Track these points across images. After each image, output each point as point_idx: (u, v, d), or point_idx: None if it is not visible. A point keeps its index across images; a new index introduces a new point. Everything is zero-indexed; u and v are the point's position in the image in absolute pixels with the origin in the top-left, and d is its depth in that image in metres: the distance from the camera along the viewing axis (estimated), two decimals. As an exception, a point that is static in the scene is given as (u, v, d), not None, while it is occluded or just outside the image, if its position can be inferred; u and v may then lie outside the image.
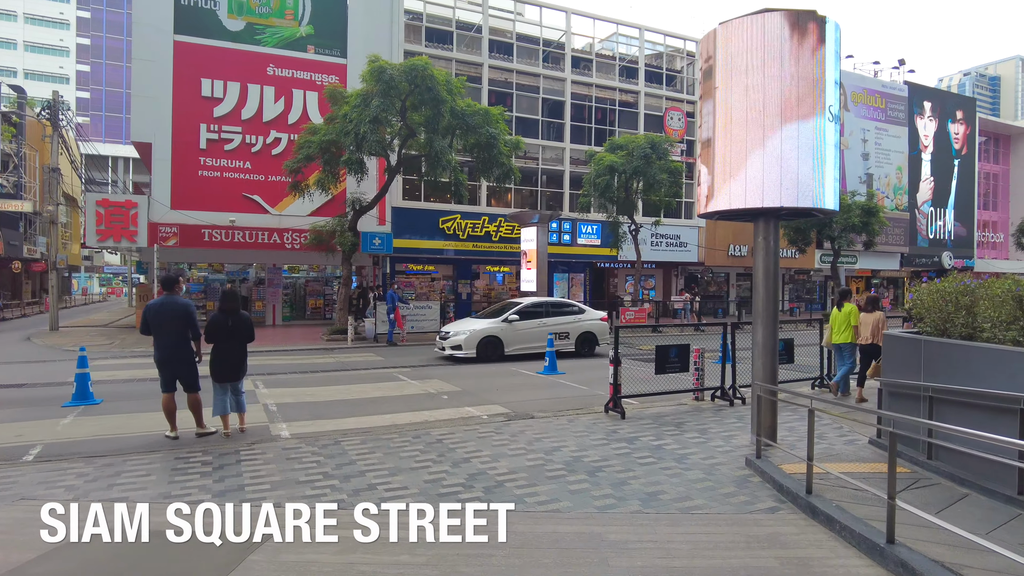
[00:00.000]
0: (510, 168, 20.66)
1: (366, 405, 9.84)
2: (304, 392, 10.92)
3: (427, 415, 9.10)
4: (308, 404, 9.88)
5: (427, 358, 15.91)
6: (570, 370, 13.76)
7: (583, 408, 9.67)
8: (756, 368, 7.61)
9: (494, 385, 11.85)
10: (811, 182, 6.85)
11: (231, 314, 7.85)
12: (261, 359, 15.43)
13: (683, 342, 10.33)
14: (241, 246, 24.05)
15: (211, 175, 23.96)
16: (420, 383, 11.95)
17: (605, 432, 8.04)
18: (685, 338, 22.47)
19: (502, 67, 29.03)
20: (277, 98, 24.95)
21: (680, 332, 24.70)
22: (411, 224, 26.67)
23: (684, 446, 7.41)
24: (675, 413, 9.38)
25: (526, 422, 8.55)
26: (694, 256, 33.84)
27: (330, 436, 7.75)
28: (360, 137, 18.01)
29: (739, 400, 10.19)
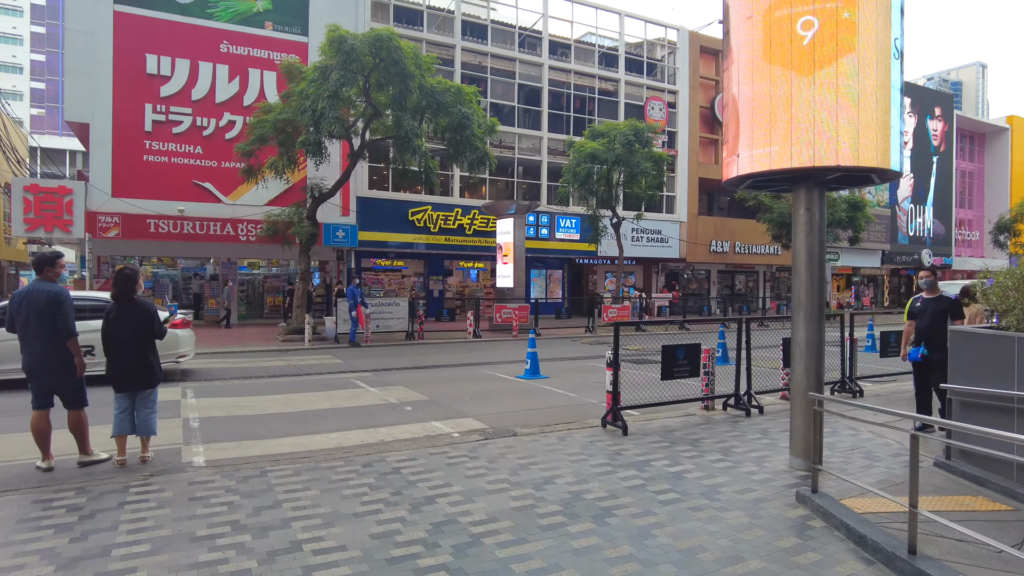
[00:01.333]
0: (485, 153, 18.99)
1: (311, 420, 8.08)
2: (239, 403, 9.11)
3: (384, 433, 7.38)
4: (239, 419, 8.09)
5: (392, 361, 14.17)
6: (554, 373, 12.14)
7: (575, 421, 8.05)
8: (797, 374, 6.08)
9: (467, 392, 10.17)
10: (874, 135, 5.33)
11: (123, 301, 6.06)
12: (202, 362, 13.54)
13: (686, 341, 8.76)
14: (191, 238, 22.00)
15: (157, 160, 21.85)
16: (380, 391, 10.21)
17: (607, 454, 6.44)
18: (678, 337, 21.06)
19: (476, 50, 27.33)
20: (231, 77, 22.93)
21: (665, 330, 23.29)
22: (378, 216, 24.83)
23: (710, 473, 5.84)
24: (685, 427, 7.82)
25: (507, 442, 6.90)
26: (675, 252, 32.56)
27: (256, 464, 6.00)
28: (318, 114, 16.18)
29: (755, 409, 8.69)
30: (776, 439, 7.17)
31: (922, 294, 7.57)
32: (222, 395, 9.76)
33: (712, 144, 34.50)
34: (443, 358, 14.75)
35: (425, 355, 15.31)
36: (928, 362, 7.26)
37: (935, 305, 7.29)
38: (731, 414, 8.63)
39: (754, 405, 8.74)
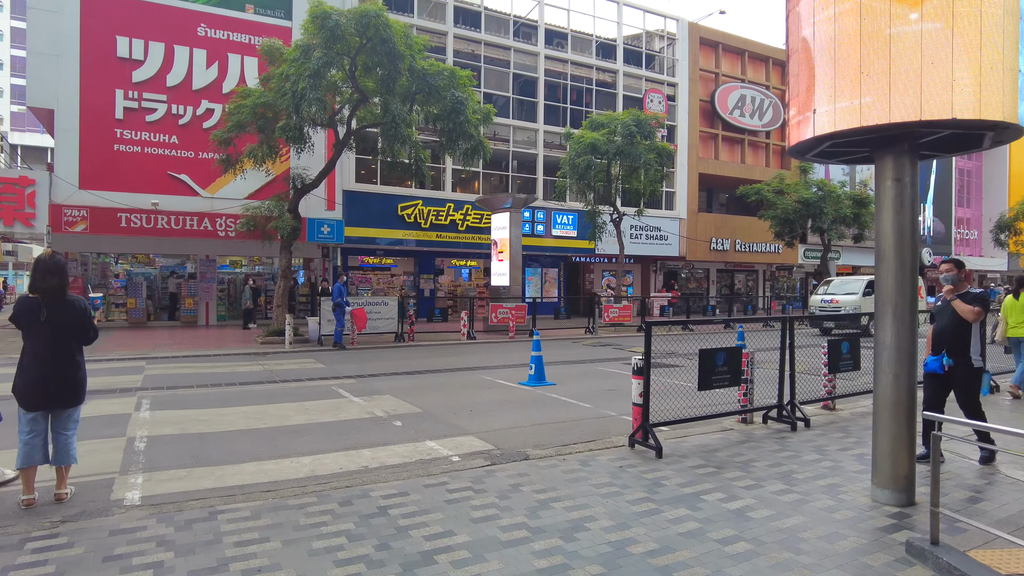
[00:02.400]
0: (480, 142, 17.72)
1: (281, 439, 6.80)
2: (200, 417, 7.80)
3: (368, 457, 6.11)
4: (196, 438, 6.79)
5: (379, 365, 12.88)
6: (561, 379, 10.90)
7: (596, 439, 6.82)
8: (883, 385, 4.88)
9: (465, 403, 8.92)
10: (1000, 80, 4.15)
11: (50, 298, 4.77)
12: (168, 367, 12.21)
13: (717, 345, 7.55)
14: (166, 233, 20.56)
15: (129, 150, 20.42)
16: (365, 401, 8.92)
17: (644, 485, 5.21)
18: (686, 338, 19.91)
19: (469, 38, 26.07)
20: (210, 63, 21.53)
21: (668, 331, 22.12)
22: (366, 210, 23.51)
23: (779, 511, 4.63)
24: (726, 445, 6.62)
25: (519, 468, 5.66)
26: (675, 250, 31.43)
27: (205, 502, 4.73)
28: (298, 96, 14.86)
29: (801, 421, 7.50)
30: (839, 461, 5.98)
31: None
32: (183, 406, 8.44)
33: (712, 139, 33.43)
34: (436, 362, 13.49)
35: (416, 359, 14.05)
36: (951, 376, 5.83)
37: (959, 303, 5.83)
38: (773, 428, 7.44)
39: (799, 417, 7.55)
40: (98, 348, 15.07)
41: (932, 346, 6.06)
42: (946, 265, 6.14)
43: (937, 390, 5.95)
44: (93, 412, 7.73)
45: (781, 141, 35.89)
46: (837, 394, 8.54)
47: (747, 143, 34.61)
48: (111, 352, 14.33)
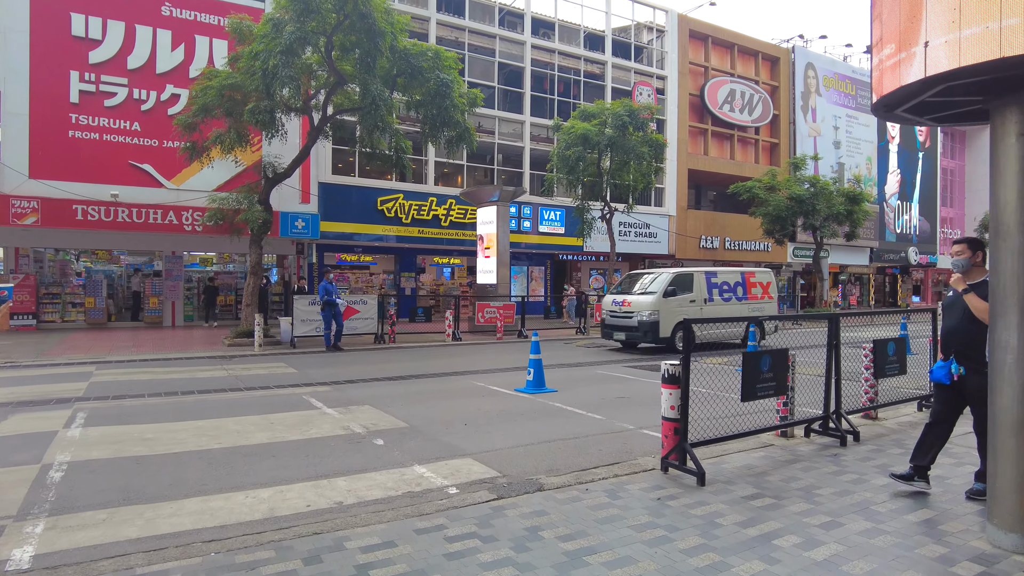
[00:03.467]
0: (466, 128, 16.54)
1: (238, 464, 5.58)
2: (143, 434, 6.53)
3: (344, 489, 4.91)
4: (132, 463, 5.54)
5: (357, 370, 11.66)
6: (560, 384, 9.78)
7: (619, 461, 5.70)
8: (1005, 399, 3.81)
9: (457, 414, 7.75)
10: None
11: None
12: (119, 372, 10.87)
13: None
14: (127, 227, 19.08)
15: (86, 136, 18.90)
16: (341, 413, 7.71)
17: (695, 526, 4.11)
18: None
19: (452, 24, 24.87)
20: (175, 45, 20.09)
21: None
22: (343, 204, 22.19)
23: (882, 562, 3.55)
24: (773, 466, 5.55)
25: (534, 503, 4.52)
26: (664, 248, 30.53)
27: (122, 561, 3.51)
28: (269, 75, 13.56)
29: (850, 434, 6.46)
30: (919, 488, 4.93)
31: None
32: (125, 420, 7.16)
33: (701, 134, 32.61)
34: (420, 366, 12.29)
35: (398, 362, 12.83)
36: (962, 386, 4.56)
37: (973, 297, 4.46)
38: (819, 443, 6.40)
39: (847, 430, 6.51)
40: (46, 351, 13.66)
41: (943, 349, 4.78)
42: (957, 246, 4.64)
43: (947, 404, 4.72)
44: (11, 430, 6.46)
45: (771, 137, 35.23)
46: (880, 402, 7.54)
47: (736, 139, 33.86)
48: (59, 356, 12.92)
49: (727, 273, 15.99)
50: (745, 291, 15.81)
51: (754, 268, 16.84)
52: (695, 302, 14.70)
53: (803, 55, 36.22)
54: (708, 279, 15.24)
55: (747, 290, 15.87)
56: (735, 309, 15.41)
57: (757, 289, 16.13)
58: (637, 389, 9.64)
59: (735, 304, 15.49)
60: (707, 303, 14.93)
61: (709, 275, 15.38)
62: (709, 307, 14.91)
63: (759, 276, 16.58)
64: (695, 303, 14.70)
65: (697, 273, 15.23)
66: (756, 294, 16.07)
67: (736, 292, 15.61)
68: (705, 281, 15.16)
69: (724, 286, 15.42)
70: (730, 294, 15.51)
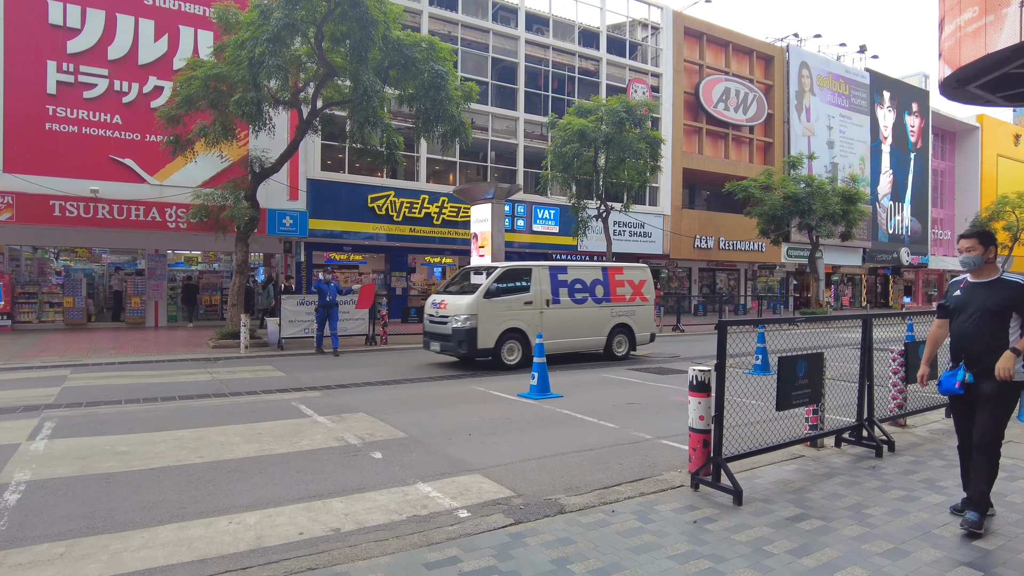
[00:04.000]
0: (461, 122, 15.98)
1: (221, 480, 5.01)
2: (115, 447, 5.94)
3: (340, 511, 4.36)
4: (101, 481, 4.96)
5: (349, 374, 11.09)
6: (565, 389, 9.27)
7: (643, 476, 5.19)
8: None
9: (459, 422, 7.21)
10: None
11: None
12: (96, 376, 10.23)
13: (795, 352, 6.00)
14: (108, 224, 18.36)
15: (64, 129, 18.15)
16: (334, 421, 7.14)
17: (742, 555, 3.61)
18: (686, 341, 18.51)
19: (444, 18, 24.31)
20: (158, 36, 19.37)
21: (659, 332, 20.72)
22: (332, 202, 21.57)
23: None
24: (810, 480, 5.07)
25: (556, 527, 4.00)
26: (659, 247, 30.12)
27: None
28: (256, 64, 12.95)
29: (884, 443, 6.00)
30: (949, 495, 4.46)
31: (965, 276, 4.33)
32: (97, 431, 6.57)
33: (696, 133, 32.25)
34: (415, 369, 11.72)
35: (391, 365, 12.26)
36: (974, 394, 4.09)
37: (988, 295, 4.07)
38: (852, 453, 5.94)
39: (882, 439, 6.05)
40: (19, 354, 12.96)
41: (952, 354, 4.27)
42: (966, 242, 4.20)
43: (968, 420, 4.19)
44: (-31, 442, 5.85)
45: (765, 136, 34.96)
46: (909, 409, 7.10)
47: (731, 138, 33.55)
48: (33, 359, 12.23)
49: (582, 269, 13.12)
50: (607, 291, 13.16)
51: (623, 263, 14.15)
52: (532, 304, 11.92)
53: (797, 54, 35.99)
54: (554, 275, 12.41)
55: (610, 290, 13.22)
56: (591, 314, 12.82)
57: (625, 289, 13.50)
58: (647, 394, 9.15)
59: (591, 307, 12.84)
60: (551, 305, 12.18)
61: (556, 270, 12.55)
62: (553, 311, 12.21)
63: (629, 273, 13.84)
64: (532, 305, 11.92)
65: (538, 268, 12.35)
66: (623, 295, 13.40)
67: (594, 292, 12.96)
68: (549, 278, 12.32)
69: (577, 285, 12.71)
70: (585, 294, 12.78)
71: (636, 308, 13.62)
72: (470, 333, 11.21)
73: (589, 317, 12.81)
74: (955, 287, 4.35)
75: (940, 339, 4.56)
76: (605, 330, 13.02)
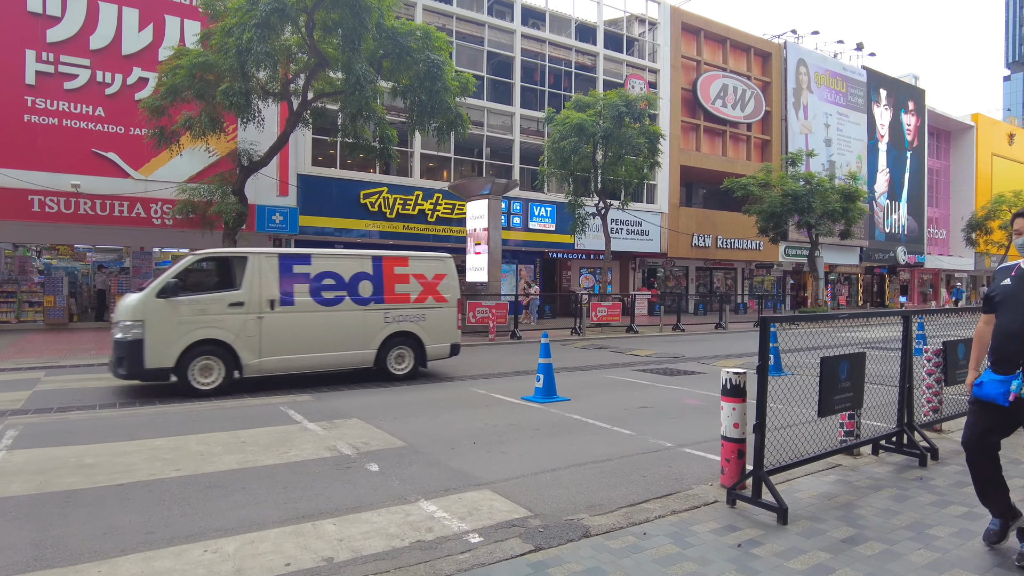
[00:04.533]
0: (458, 114, 15.46)
1: (197, 498, 4.45)
2: (82, 458, 5.36)
3: (334, 536, 3.80)
4: (60, 500, 4.38)
5: (338, 375, 10.51)
6: (572, 391, 8.73)
7: (672, 491, 4.65)
8: None
9: (460, 427, 6.66)
10: None
11: None
12: (71, 379, 9.60)
13: (839, 352, 5.49)
14: (90, 220, 17.71)
15: (43, 121, 17.45)
16: (325, 428, 6.57)
17: (807, 591, 3.09)
18: (686, 341, 18.03)
19: (439, 10, 23.73)
20: (143, 25, 18.71)
21: (659, 332, 20.29)
22: (324, 198, 20.95)
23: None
24: (855, 493, 4.56)
25: (582, 555, 3.46)
26: (656, 246, 29.62)
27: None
28: (244, 51, 12.36)
29: (928, 451, 5.50)
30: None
31: (1017, 262, 3.67)
32: (64, 440, 5.98)
33: (693, 130, 31.82)
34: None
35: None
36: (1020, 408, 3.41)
37: None
38: (890, 461, 5.45)
39: (925, 446, 5.56)
40: (-8, 355, 12.30)
41: (992, 357, 3.63)
42: (1022, 221, 3.69)
43: (993, 426, 3.55)
44: (-83, 454, 5.25)
45: (762, 134, 34.59)
46: (945, 414, 6.61)
47: (728, 135, 33.15)
48: (5, 360, 11.58)
49: (337, 259, 9.68)
50: (379, 289, 9.80)
51: (410, 252, 10.57)
52: (244, 306, 8.67)
53: (795, 51, 35.65)
54: (285, 267, 9.09)
55: (384, 287, 9.85)
56: (349, 320, 9.45)
57: (410, 286, 10.10)
58: (658, 397, 8.64)
59: (350, 310, 9.50)
60: (278, 308, 8.91)
61: (290, 260, 9.19)
62: (282, 316, 8.93)
63: (417, 265, 10.29)
64: (244, 308, 8.67)
65: (256, 257, 8.95)
66: (406, 294, 10.04)
67: (356, 290, 9.59)
68: (277, 270, 9.01)
69: (327, 280, 9.39)
70: (340, 293, 9.44)
71: (428, 311, 10.19)
72: (133, 347, 8.00)
73: (346, 323, 9.41)
74: (1004, 274, 3.70)
75: (985, 339, 3.84)
76: (374, 341, 9.66)
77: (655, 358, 13.31)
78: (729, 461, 4.49)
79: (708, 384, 9.73)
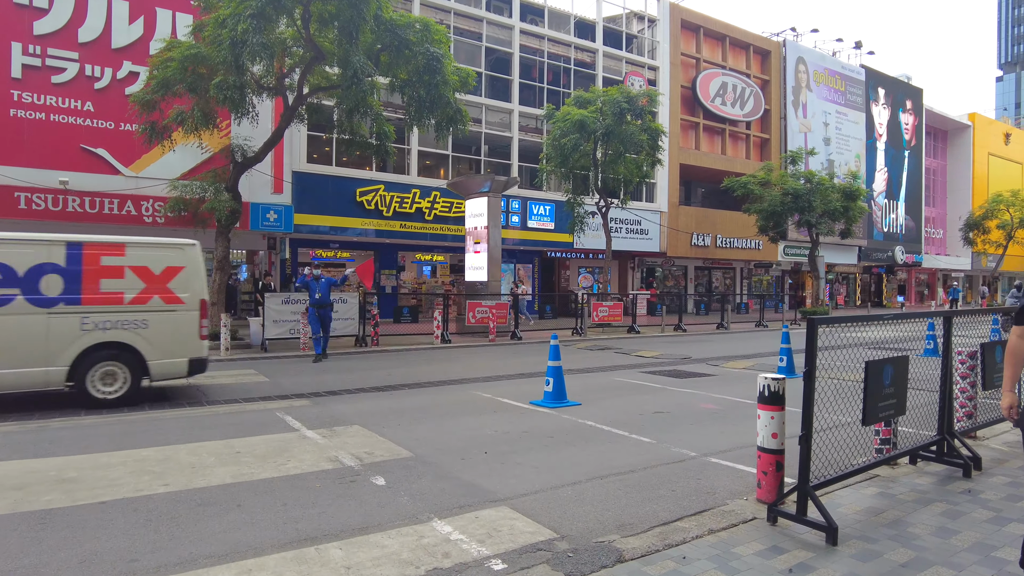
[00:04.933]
0: (457, 109, 15.07)
1: (187, 519, 4.05)
2: (63, 471, 4.94)
3: (340, 562, 3.40)
4: (35, 520, 3.97)
5: (340, 379, 10.11)
6: (582, 395, 8.37)
7: (705, 507, 4.27)
8: None
9: (469, 435, 6.28)
10: None
11: None
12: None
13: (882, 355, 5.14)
14: (79, 218, 17.15)
15: (30, 116, 16.95)
16: (325, 437, 6.18)
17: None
18: (686, 342, 17.69)
19: (436, 5, 23.33)
20: (133, 18, 18.22)
21: (661, 332, 19.96)
22: (319, 195, 20.52)
23: None
24: (901, 509, 4.21)
25: (621, 585, 3.10)
26: (655, 245, 29.30)
27: None
28: (238, 43, 11.93)
29: (971, 459, 5.16)
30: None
31: None
32: (44, 451, 5.56)
33: (693, 128, 31.53)
34: (411, 373, 10.77)
35: (386, 369, 11.28)
36: None
37: None
38: (930, 471, 5.11)
39: (969, 456, 5.22)
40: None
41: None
42: None
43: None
44: None
45: (761, 132, 34.33)
46: (980, 421, 6.27)
47: (728, 133, 32.87)
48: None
49: (5, 243, 7.23)
50: (76, 286, 7.44)
51: (127, 238, 8.11)
52: None
53: (794, 49, 35.41)
54: None
55: (83, 284, 7.48)
56: (21, 327, 7.12)
57: (124, 282, 7.72)
58: (672, 401, 8.28)
59: (20, 314, 7.11)
60: None
61: None
62: None
63: (136, 254, 7.86)
64: None
65: None
66: (118, 292, 7.66)
67: (36, 288, 7.22)
68: None
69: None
70: (12, 291, 7.09)
71: (152, 315, 7.84)
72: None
73: (14, 331, 7.08)
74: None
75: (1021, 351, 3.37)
76: (64, 355, 7.31)
77: (661, 359, 12.96)
78: (767, 474, 4.14)
79: (720, 387, 9.39)
